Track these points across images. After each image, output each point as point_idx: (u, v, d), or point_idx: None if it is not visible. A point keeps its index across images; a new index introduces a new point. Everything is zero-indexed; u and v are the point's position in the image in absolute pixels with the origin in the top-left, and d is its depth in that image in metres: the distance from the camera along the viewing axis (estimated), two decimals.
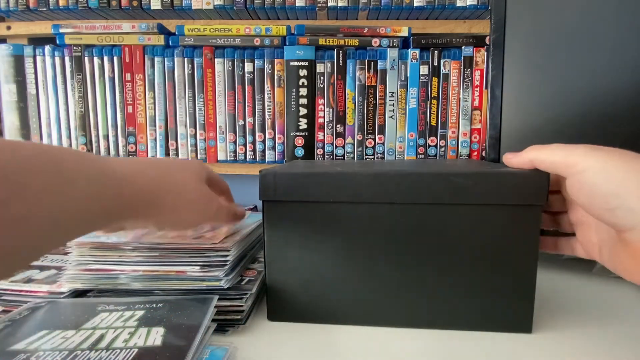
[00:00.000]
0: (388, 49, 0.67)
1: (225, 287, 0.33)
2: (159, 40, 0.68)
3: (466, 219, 0.31)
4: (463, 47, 0.66)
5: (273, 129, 0.69)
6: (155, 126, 0.70)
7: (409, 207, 0.32)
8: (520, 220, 0.31)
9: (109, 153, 0.71)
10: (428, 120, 0.68)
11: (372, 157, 0.69)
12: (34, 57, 0.69)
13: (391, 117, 0.68)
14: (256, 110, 0.69)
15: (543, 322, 0.35)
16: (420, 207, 0.32)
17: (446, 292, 0.33)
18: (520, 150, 0.31)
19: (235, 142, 0.70)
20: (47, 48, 0.69)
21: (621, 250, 0.27)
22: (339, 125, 0.69)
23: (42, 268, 0.40)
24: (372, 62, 0.67)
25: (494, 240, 0.31)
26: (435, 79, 0.67)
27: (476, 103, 0.67)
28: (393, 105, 0.68)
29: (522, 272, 0.32)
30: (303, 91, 0.68)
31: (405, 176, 0.31)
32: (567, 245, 0.34)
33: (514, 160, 0.32)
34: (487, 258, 0.32)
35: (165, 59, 0.69)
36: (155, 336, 0.26)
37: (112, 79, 0.69)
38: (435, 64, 0.67)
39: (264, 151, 0.70)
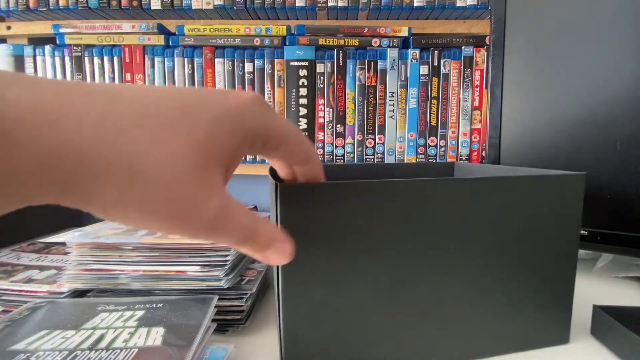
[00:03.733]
0: (388, 49, 0.67)
1: (225, 287, 0.33)
2: (159, 40, 0.68)
3: (505, 225, 0.28)
4: (463, 47, 0.66)
5: None
6: None
7: (447, 218, 0.27)
8: (557, 221, 0.29)
9: None
10: (428, 120, 0.68)
11: (372, 157, 0.69)
12: (34, 57, 0.69)
13: (391, 117, 0.68)
14: None
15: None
16: (455, 217, 0.27)
17: (483, 316, 0.29)
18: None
19: None
20: (47, 48, 0.69)
21: None
22: (339, 125, 0.69)
23: (42, 268, 0.40)
24: (372, 62, 0.67)
25: (529, 246, 0.29)
26: (435, 79, 0.67)
27: (476, 103, 0.67)
28: (393, 105, 0.68)
29: (559, 279, 0.30)
30: (303, 91, 0.68)
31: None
32: None
33: None
34: (524, 266, 0.29)
35: (165, 59, 0.69)
36: (155, 336, 0.26)
37: (112, 79, 0.69)
38: (435, 64, 0.67)
39: None
